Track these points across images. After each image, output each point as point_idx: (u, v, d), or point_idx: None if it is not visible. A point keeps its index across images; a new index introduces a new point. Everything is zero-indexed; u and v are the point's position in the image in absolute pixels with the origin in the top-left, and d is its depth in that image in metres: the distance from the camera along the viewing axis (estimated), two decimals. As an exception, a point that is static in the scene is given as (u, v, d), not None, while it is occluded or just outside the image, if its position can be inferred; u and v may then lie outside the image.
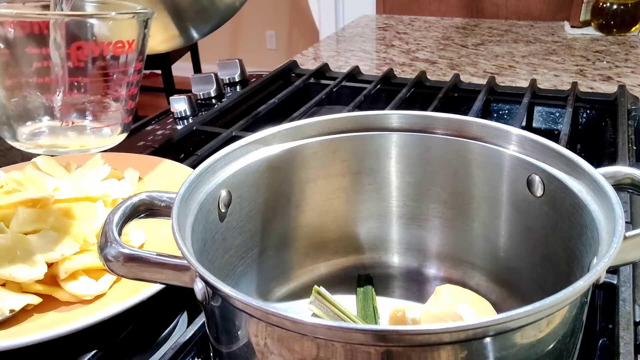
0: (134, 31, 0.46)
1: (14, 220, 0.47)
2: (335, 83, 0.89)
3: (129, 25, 0.46)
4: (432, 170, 0.46)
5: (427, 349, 0.27)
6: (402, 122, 0.45)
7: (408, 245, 0.48)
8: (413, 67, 1.08)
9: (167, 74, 2.66)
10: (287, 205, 0.45)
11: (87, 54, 0.43)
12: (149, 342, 0.44)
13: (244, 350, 0.31)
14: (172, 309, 0.47)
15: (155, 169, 0.61)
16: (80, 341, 0.41)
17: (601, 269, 0.29)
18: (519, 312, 0.26)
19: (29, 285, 0.44)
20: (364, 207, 0.48)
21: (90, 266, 0.46)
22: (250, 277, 0.44)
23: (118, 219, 0.34)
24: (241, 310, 0.29)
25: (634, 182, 0.37)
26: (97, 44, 0.44)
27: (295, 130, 0.44)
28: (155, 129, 0.78)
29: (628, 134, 0.70)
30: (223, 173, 0.40)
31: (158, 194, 0.37)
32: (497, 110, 0.87)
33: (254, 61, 2.39)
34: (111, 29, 0.45)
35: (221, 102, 0.86)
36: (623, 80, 0.96)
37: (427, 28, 1.40)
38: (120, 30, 0.46)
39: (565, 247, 0.38)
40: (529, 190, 0.41)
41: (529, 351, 0.29)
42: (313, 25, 2.15)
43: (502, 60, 1.10)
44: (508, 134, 0.42)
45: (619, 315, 0.41)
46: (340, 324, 0.27)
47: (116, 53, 0.45)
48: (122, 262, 0.33)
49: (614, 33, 1.24)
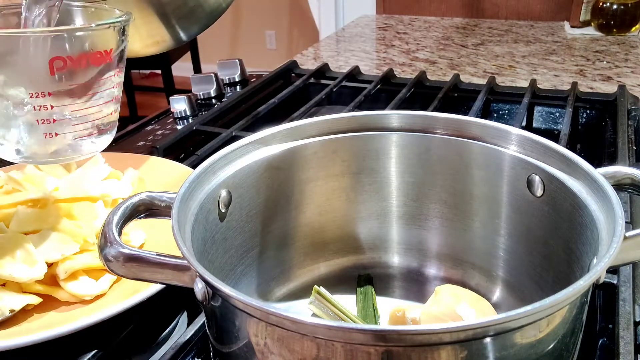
0: (112, 40, 0.46)
1: (14, 220, 0.47)
2: (335, 83, 0.89)
3: (106, 35, 0.45)
4: (432, 170, 0.46)
5: (427, 349, 0.27)
6: (402, 122, 0.45)
7: (408, 245, 0.48)
8: (413, 67, 1.08)
9: (167, 74, 2.66)
10: (287, 205, 0.45)
11: (65, 67, 0.43)
12: (149, 342, 0.44)
13: (244, 350, 0.31)
14: (172, 309, 0.47)
15: (155, 169, 0.61)
16: (80, 341, 0.41)
17: (601, 269, 0.29)
18: (519, 312, 0.26)
19: (29, 285, 0.44)
20: (364, 207, 0.48)
21: (90, 266, 0.46)
22: (250, 277, 0.44)
23: (118, 219, 0.34)
24: (241, 310, 0.29)
25: (634, 182, 0.37)
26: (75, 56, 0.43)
27: (295, 130, 0.44)
28: (155, 129, 0.78)
29: (628, 134, 0.70)
30: (223, 173, 0.40)
31: (158, 194, 0.37)
32: (497, 110, 0.87)
33: (254, 61, 2.39)
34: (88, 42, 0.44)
35: (221, 102, 0.86)
36: (623, 80, 0.97)
37: (427, 28, 1.40)
38: (98, 41, 0.45)
39: (565, 247, 0.38)
40: (529, 190, 0.41)
41: (529, 351, 0.29)
42: (313, 25, 2.15)
43: (502, 60, 1.10)
44: (508, 134, 0.42)
45: (619, 315, 0.41)
46: (340, 324, 0.27)
47: (95, 64, 0.45)
48: (122, 262, 0.33)
49: (614, 33, 1.24)
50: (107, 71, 0.46)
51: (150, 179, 0.59)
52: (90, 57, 0.44)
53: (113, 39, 0.46)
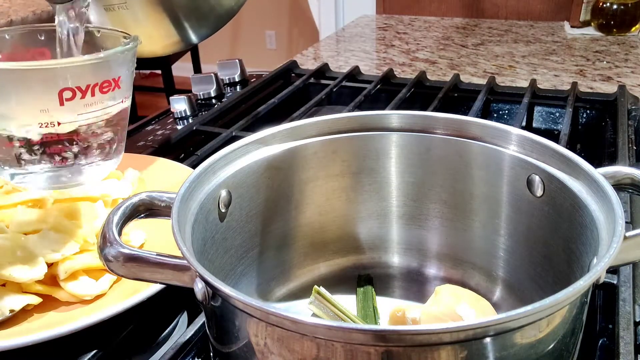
0: (120, 68, 0.45)
1: (14, 220, 0.47)
2: (335, 83, 0.89)
3: (115, 62, 0.45)
4: (432, 170, 0.46)
5: (427, 349, 0.27)
6: (402, 122, 0.45)
7: (408, 245, 0.48)
8: (413, 67, 1.08)
9: (167, 74, 2.66)
10: (287, 205, 0.45)
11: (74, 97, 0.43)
12: (149, 342, 0.44)
13: (244, 350, 0.31)
14: (172, 309, 0.47)
15: (155, 169, 0.61)
16: (80, 341, 0.41)
17: (601, 269, 0.29)
18: (519, 312, 0.26)
19: (29, 285, 0.44)
20: (364, 207, 0.48)
21: (90, 266, 0.46)
22: (250, 277, 0.44)
23: (118, 219, 0.34)
24: (241, 310, 0.29)
25: (634, 182, 0.37)
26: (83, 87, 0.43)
27: (295, 130, 0.44)
28: (155, 129, 0.78)
29: (628, 134, 0.70)
30: (223, 173, 0.40)
31: (158, 194, 0.37)
32: (497, 110, 0.87)
33: (254, 61, 2.39)
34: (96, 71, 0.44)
35: (221, 102, 0.86)
36: (623, 80, 0.96)
37: (427, 28, 1.40)
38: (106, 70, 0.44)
39: (565, 247, 0.38)
40: (529, 190, 0.41)
41: (529, 351, 0.29)
42: (313, 25, 2.15)
43: (502, 60, 1.10)
44: (508, 134, 0.42)
45: (619, 315, 0.41)
46: (340, 324, 0.27)
47: (103, 92, 0.44)
48: (122, 262, 0.33)
49: (614, 33, 1.24)
50: (115, 98, 0.46)
51: (150, 179, 0.59)
52: (99, 85, 0.44)
53: (121, 67, 0.45)
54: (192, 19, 0.59)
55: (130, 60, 0.47)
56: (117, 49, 0.45)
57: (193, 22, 0.60)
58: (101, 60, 0.44)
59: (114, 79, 0.45)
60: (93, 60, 0.44)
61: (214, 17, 0.61)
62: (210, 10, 0.60)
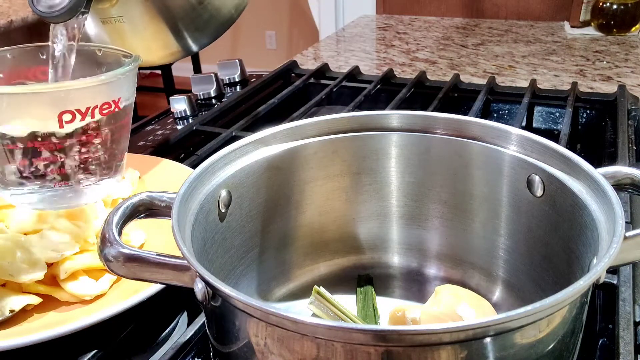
0: (121, 89, 0.45)
1: (14, 221, 0.47)
2: (335, 83, 0.89)
3: (116, 84, 0.44)
4: (432, 170, 0.46)
5: (427, 349, 0.27)
6: (402, 122, 0.45)
7: (408, 245, 0.48)
8: (413, 67, 1.08)
9: (167, 74, 2.67)
10: (287, 205, 0.45)
11: (74, 120, 0.42)
12: (149, 342, 0.44)
13: (244, 350, 0.31)
14: (172, 309, 0.47)
15: (155, 169, 0.61)
16: (80, 341, 0.41)
17: (601, 269, 0.29)
18: (519, 312, 0.26)
19: (29, 285, 0.44)
20: (364, 207, 0.48)
21: (90, 266, 0.46)
22: (250, 277, 0.44)
23: (118, 219, 0.34)
24: (241, 310, 0.29)
25: (634, 182, 0.37)
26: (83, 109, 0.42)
27: (295, 130, 0.44)
28: (155, 129, 0.78)
29: (628, 134, 0.70)
30: (223, 173, 0.40)
31: (158, 194, 0.37)
32: (497, 110, 0.87)
33: (254, 61, 2.39)
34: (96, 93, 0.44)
35: (221, 102, 0.86)
36: (623, 80, 0.96)
37: (427, 28, 1.40)
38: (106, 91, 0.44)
39: (565, 247, 0.38)
40: (529, 190, 0.41)
41: (529, 351, 0.29)
42: (313, 25, 2.15)
43: (502, 60, 1.10)
44: (508, 134, 0.42)
45: (619, 315, 0.41)
46: (340, 324, 0.27)
47: (104, 114, 0.44)
48: (122, 262, 0.33)
49: (614, 33, 1.24)
50: (116, 119, 0.46)
51: (150, 179, 0.59)
52: (99, 107, 0.44)
53: (121, 88, 0.45)
54: (191, 28, 0.59)
55: (131, 80, 0.46)
56: (117, 71, 0.45)
57: (192, 31, 0.59)
58: (101, 83, 0.44)
59: (114, 100, 0.45)
60: (94, 83, 0.44)
61: (213, 25, 0.60)
62: (210, 19, 0.59)
